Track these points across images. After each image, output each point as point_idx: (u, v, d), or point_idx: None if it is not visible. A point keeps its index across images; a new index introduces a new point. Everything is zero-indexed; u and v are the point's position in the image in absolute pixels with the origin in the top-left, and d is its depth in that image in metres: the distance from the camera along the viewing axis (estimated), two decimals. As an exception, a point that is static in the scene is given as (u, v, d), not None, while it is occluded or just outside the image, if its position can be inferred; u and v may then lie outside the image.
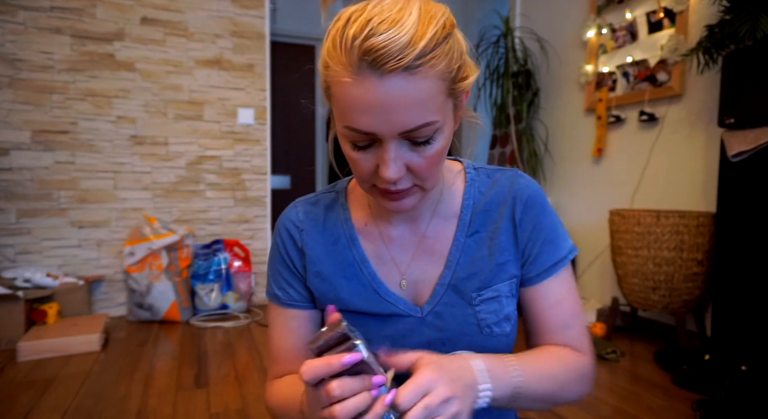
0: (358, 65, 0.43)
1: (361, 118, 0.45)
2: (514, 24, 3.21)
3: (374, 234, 0.62)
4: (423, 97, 0.44)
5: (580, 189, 2.83)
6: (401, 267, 0.61)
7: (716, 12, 1.91)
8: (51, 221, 2.54)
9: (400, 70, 0.42)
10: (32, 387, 1.73)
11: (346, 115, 0.46)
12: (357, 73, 0.43)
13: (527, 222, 0.60)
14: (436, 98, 0.45)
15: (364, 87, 0.43)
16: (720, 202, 1.86)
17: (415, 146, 0.48)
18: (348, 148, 0.49)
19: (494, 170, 0.64)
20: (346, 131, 0.47)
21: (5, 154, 2.43)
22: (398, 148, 0.47)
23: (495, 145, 3.26)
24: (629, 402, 1.65)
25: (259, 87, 2.95)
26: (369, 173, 0.50)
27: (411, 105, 0.44)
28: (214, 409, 1.59)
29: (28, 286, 2.28)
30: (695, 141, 2.18)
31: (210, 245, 2.80)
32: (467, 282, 0.59)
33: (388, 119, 0.44)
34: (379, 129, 0.45)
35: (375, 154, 0.48)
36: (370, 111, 0.44)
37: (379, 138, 0.46)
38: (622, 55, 2.51)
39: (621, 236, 2.17)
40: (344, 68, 0.44)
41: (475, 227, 0.60)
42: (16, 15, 2.41)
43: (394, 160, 0.47)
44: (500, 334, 0.59)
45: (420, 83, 0.43)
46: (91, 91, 2.58)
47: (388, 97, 0.43)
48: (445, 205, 0.62)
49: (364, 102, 0.44)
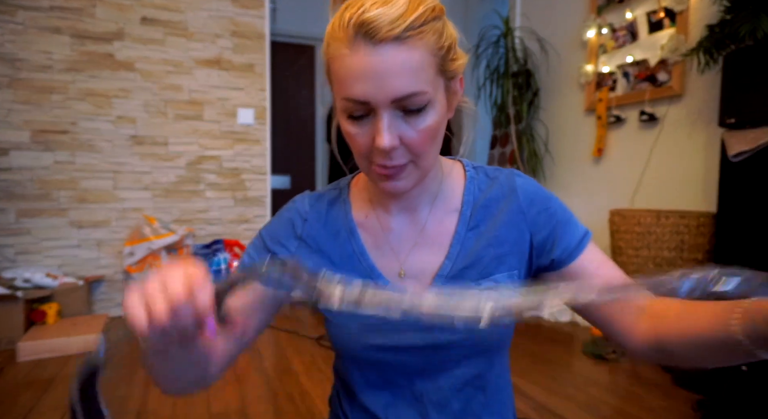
0: (354, 38, 0.47)
1: (357, 86, 0.48)
2: (514, 24, 3.21)
3: (374, 225, 0.63)
4: (413, 66, 0.47)
5: (580, 189, 2.83)
6: (400, 256, 0.62)
7: (716, 12, 1.91)
8: (51, 221, 2.53)
9: (391, 39, 0.46)
10: (32, 387, 1.73)
11: (344, 86, 0.49)
12: (352, 44, 0.47)
13: (536, 212, 0.61)
14: (426, 70, 0.48)
15: (358, 56, 0.47)
16: (720, 202, 1.86)
17: (408, 117, 0.50)
18: (346, 125, 0.52)
19: (492, 169, 0.66)
20: (343, 104, 0.50)
21: (5, 154, 2.43)
22: (392, 119, 0.49)
23: (495, 145, 3.26)
24: (629, 402, 1.65)
25: (259, 87, 2.95)
26: (366, 147, 0.52)
27: (402, 72, 0.47)
28: (214, 409, 1.59)
29: (27, 286, 2.28)
30: (695, 141, 2.18)
31: (210, 245, 2.80)
32: (466, 272, 0.60)
33: (381, 85, 0.47)
34: (373, 96, 0.48)
35: (370, 126, 0.51)
36: (365, 77, 0.47)
37: (374, 107, 0.49)
38: (623, 55, 2.51)
39: (621, 236, 2.17)
40: (341, 43, 0.48)
41: (476, 221, 0.61)
42: (15, 15, 2.41)
43: (388, 129, 0.49)
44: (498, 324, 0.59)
45: (410, 52, 0.47)
46: (91, 90, 2.58)
47: (380, 64, 0.46)
48: (445, 199, 0.63)
49: (359, 69, 0.47)
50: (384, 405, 0.62)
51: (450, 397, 0.61)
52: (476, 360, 0.61)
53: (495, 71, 3.04)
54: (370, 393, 0.63)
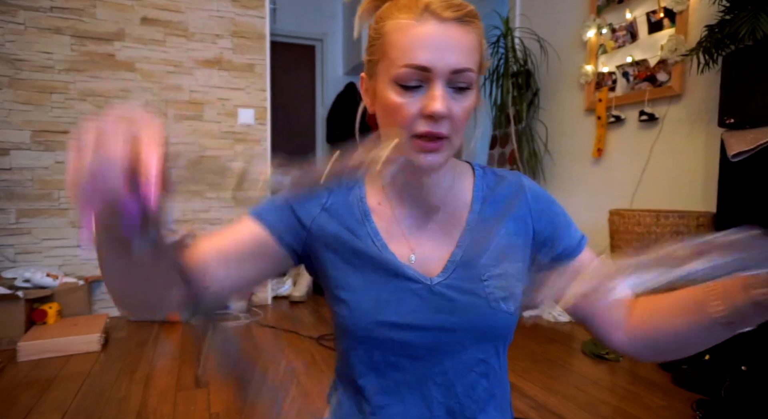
0: (422, 12, 0.52)
1: (422, 53, 0.52)
2: (513, 24, 3.21)
3: (386, 212, 0.65)
4: (470, 46, 0.54)
5: (579, 189, 2.83)
6: (410, 243, 0.64)
7: (716, 12, 1.91)
8: (51, 221, 2.54)
9: (455, 19, 0.52)
10: (32, 387, 1.73)
11: (408, 53, 0.53)
12: (420, 17, 0.52)
13: (540, 210, 0.66)
14: (476, 55, 0.55)
15: (426, 27, 0.52)
16: (720, 202, 1.86)
17: (456, 93, 0.54)
18: (394, 95, 0.54)
19: (499, 170, 0.70)
20: (401, 72, 0.53)
21: (5, 154, 2.43)
22: (444, 90, 0.54)
23: (495, 145, 3.26)
24: (629, 402, 1.65)
25: (259, 87, 2.95)
26: (413, 117, 0.54)
27: (462, 48, 0.53)
28: (214, 409, 1.59)
29: (28, 286, 2.28)
30: (695, 141, 2.18)
31: (210, 245, 2.80)
32: (476, 259, 0.62)
33: (444, 56, 0.52)
34: (435, 63, 0.52)
35: (422, 97, 0.54)
36: (430, 47, 0.52)
37: (432, 76, 0.53)
38: (622, 55, 2.51)
39: (621, 236, 2.17)
40: (408, 15, 0.53)
41: (486, 215, 0.65)
42: (16, 15, 2.41)
43: (442, 97, 0.53)
44: (506, 311, 0.61)
45: (469, 35, 0.54)
46: (92, 91, 2.58)
47: (446, 37, 0.52)
48: (456, 194, 0.66)
49: (427, 39, 0.52)
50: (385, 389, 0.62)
51: (455, 382, 0.61)
52: (483, 346, 0.62)
53: (495, 71, 3.04)
54: (373, 376, 0.63)
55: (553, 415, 1.55)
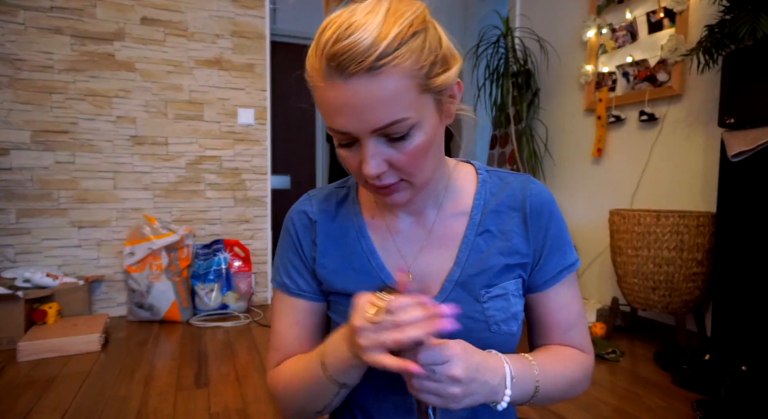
0: (327, 70, 0.46)
1: (336, 119, 0.48)
2: (513, 24, 3.22)
3: (381, 227, 0.63)
4: (389, 96, 0.46)
5: (580, 189, 2.83)
6: (407, 259, 0.61)
7: (716, 12, 1.91)
8: (51, 221, 2.54)
9: (362, 72, 0.44)
10: (32, 387, 1.73)
11: (326, 117, 0.49)
12: (327, 77, 0.46)
13: (537, 228, 0.61)
14: (405, 95, 0.46)
15: (333, 90, 0.46)
16: (720, 202, 1.86)
17: (392, 142, 0.49)
18: (338, 148, 0.53)
19: (506, 174, 0.65)
20: (330, 131, 0.51)
21: (5, 154, 2.43)
22: (376, 145, 0.49)
23: (495, 145, 3.26)
24: (629, 402, 1.65)
25: (259, 87, 2.95)
26: (357, 169, 0.52)
27: (377, 104, 0.46)
28: (214, 409, 1.59)
29: (28, 286, 2.28)
30: (695, 141, 2.18)
31: (210, 245, 2.80)
32: (475, 279, 0.59)
33: (358, 119, 0.47)
34: (352, 128, 0.48)
35: (358, 151, 0.51)
36: (342, 112, 0.47)
37: (357, 137, 0.49)
38: (622, 55, 2.52)
39: (621, 236, 2.17)
40: (317, 74, 0.47)
41: (486, 226, 0.61)
42: (16, 15, 2.41)
43: (372, 157, 0.49)
44: (507, 333, 0.59)
45: (384, 82, 0.45)
46: (91, 91, 2.58)
47: (354, 98, 0.45)
48: (452, 200, 0.63)
49: (335, 104, 0.47)
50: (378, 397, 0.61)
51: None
52: None
53: (495, 71, 3.04)
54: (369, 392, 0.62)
55: (553, 415, 1.55)
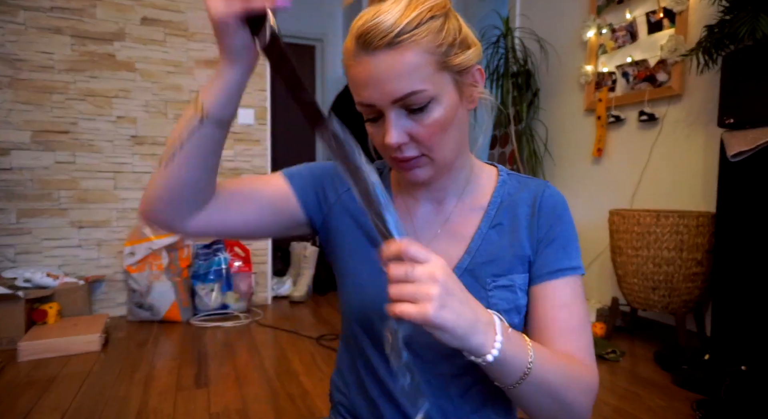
0: (355, 48, 0.52)
1: (362, 92, 0.53)
2: (513, 24, 3.21)
3: (402, 208, 0.66)
4: (407, 68, 0.50)
5: (579, 189, 2.84)
6: (422, 243, 0.62)
7: (716, 12, 1.91)
8: (51, 221, 2.54)
9: (383, 47, 0.50)
10: (32, 387, 1.73)
11: (355, 93, 0.54)
12: (356, 55, 0.52)
13: (541, 223, 0.62)
14: (423, 69, 0.51)
15: (360, 65, 0.52)
16: (720, 202, 1.86)
17: (412, 114, 0.53)
18: (367, 126, 0.57)
19: (527, 178, 0.68)
20: (359, 107, 0.56)
21: (5, 154, 2.43)
22: (398, 117, 0.53)
23: (495, 145, 3.26)
24: (629, 402, 1.65)
25: (259, 87, 2.95)
26: (382, 143, 0.56)
27: (396, 75, 0.50)
28: (214, 409, 1.59)
29: (28, 286, 2.28)
30: (695, 141, 2.18)
31: (210, 245, 2.80)
32: (484, 267, 0.61)
33: (380, 89, 0.51)
34: (375, 99, 0.52)
35: (383, 126, 0.55)
36: (367, 84, 0.52)
37: (379, 108, 0.53)
38: (622, 55, 2.52)
39: (621, 236, 2.18)
40: (349, 54, 0.53)
41: (499, 220, 0.64)
42: (16, 15, 2.41)
43: (394, 127, 0.53)
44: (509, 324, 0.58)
45: (403, 56, 0.50)
46: (92, 91, 2.58)
47: (377, 70, 0.51)
48: (472, 195, 0.65)
49: (362, 78, 0.52)
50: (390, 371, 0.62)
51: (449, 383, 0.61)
52: None
53: (495, 71, 3.04)
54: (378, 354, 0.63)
55: (553, 415, 1.56)
